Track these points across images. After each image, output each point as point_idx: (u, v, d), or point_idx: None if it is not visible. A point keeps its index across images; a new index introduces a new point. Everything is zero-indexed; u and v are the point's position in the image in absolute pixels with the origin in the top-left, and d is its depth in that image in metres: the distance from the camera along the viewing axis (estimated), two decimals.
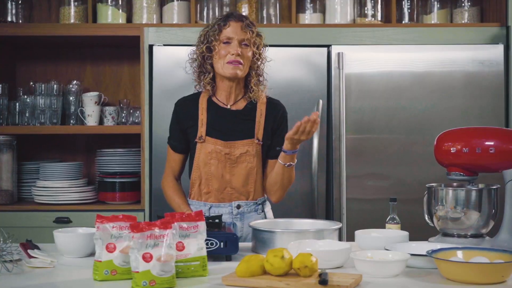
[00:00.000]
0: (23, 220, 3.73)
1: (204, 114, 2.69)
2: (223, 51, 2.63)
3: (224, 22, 2.66)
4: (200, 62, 2.70)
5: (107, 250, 1.99)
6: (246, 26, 2.65)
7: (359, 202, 3.70)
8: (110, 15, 3.95)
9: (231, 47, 2.63)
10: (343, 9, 3.93)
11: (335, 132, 3.69)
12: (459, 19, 4.02)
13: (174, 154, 2.75)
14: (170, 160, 2.77)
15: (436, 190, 2.47)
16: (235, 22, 2.65)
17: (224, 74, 2.65)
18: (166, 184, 2.77)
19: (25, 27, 3.92)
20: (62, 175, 3.87)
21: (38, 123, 3.93)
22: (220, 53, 2.64)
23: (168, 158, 2.79)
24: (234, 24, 2.65)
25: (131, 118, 4.06)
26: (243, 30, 2.64)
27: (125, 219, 2.03)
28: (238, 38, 2.63)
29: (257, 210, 2.71)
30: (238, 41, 2.63)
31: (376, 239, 2.33)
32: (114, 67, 4.32)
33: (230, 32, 2.64)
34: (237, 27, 2.64)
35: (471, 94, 3.74)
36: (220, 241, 2.20)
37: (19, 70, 4.30)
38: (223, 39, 2.64)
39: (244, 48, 2.64)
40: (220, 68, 2.65)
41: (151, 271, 1.84)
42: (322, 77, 3.72)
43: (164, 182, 2.78)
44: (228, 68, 2.63)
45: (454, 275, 1.93)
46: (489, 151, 2.38)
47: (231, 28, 2.64)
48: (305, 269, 1.88)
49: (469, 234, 2.43)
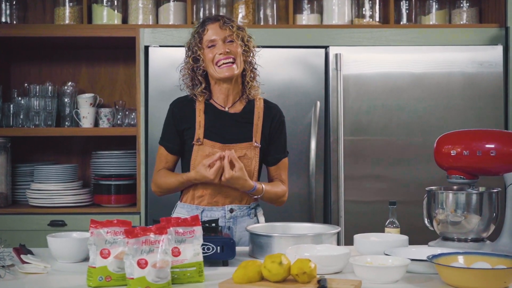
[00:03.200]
0: (18, 223, 3.69)
1: (202, 116, 2.65)
2: (210, 54, 2.61)
3: (202, 28, 2.64)
4: (191, 75, 2.68)
5: (101, 256, 1.95)
6: (224, 24, 2.63)
7: (357, 204, 3.67)
8: (105, 16, 3.92)
9: (217, 48, 2.60)
10: (341, 10, 3.90)
11: (333, 134, 3.66)
12: (457, 20, 4.00)
13: (168, 156, 2.70)
14: (162, 161, 2.71)
15: (436, 193, 2.43)
16: (212, 24, 2.63)
17: (219, 77, 2.62)
18: (157, 176, 2.70)
19: (19, 28, 3.89)
20: (57, 178, 3.83)
21: (32, 125, 3.90)
22: (208, 58, 2.61)
23: (159, 159, 2.72)
24: (211, 26, 2.63)
25: (127, 120, 4.02)
26: (223, 28, 2.62)
27: (119, 224, 1.99)
28: (220, 38, 2.61)
29: (250, 214, 2.67)
30: (222, 40, 2.61)
31: (375, 244, 2.30)
32: (110, 68, 4.28)
33: (210, 35, 2.62)
34: (216, 28, 2.62)
35: (470, 96, 3.71)
36: (216, 246, 2.17)
37: (14, 71, 4.26)
38: (207, 44, 2.62)
39: (230, 45, 2.61)
40: (214, 72, 2.62)
41: (146, 277, 1.81)
42: (319, 79, 3.69)
43: (156, 176, 2.71)
44: (221, 71, 2.60)
45: (455, 281, 1.89)
46: (490, 154, 2.35)
47: (210, 31, 2.62)
48: (304, 275, 1.85)
49: (469, 238, 2.40)
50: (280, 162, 2.74)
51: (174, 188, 2.68)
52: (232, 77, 2.62)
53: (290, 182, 3.28)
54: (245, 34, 2.67)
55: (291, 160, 3.25)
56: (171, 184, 2.66)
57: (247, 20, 3.88)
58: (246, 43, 2.66)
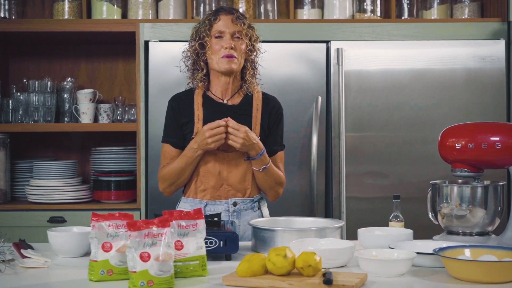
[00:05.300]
0: (17, 220, 3.66)
1: (200, 110, 2.63)
2: (216, 45, 2.60)
3: (215, 16, 2.63)
4: (194, 59, 2.66)
5: (103, 249, 1.93)
6: (237, 19, 2.62)
7: (359, 200, 3.65)
8: (105, 10, 3.89)
9: (223, 41, 2.60)
10: (342, 4, 3.88)
11: (334, 129, 3.63)
12: (459, 15, 3.97)
13: (173, 151, 2.66)
14: (167, 159, 2.68)
15: (441, 187, 2.41)
16: (225, 16, 2.62)
17: (219, 69, 2.60)
18: (161, 171, 2.66)
19: (18, 23, 3.86)
20: (56, 174, 3.81)
21: (31, 120, 3.87)
22: (213, 48, 2.61)
23: (164, 157, 2.69)
24: (224, 17, 2.62)
25: (127, 116, 4.00)
26: (234, 23, 2.61)
27: (121, 218, 1.97)
28: (229, 31, 2.60)
29: (253, 207, 2.65)
30: (230, 34, 2.60)
31: (379, 238, 2.28)
32: (109, 63, 4.26)
33: (221, 25, 2.61)
34: (227, 20, 2.61)
35: (473, 91, 3.69)
36: (219, 240, 2.15)
37: (12, 66, 4.23)
38: (215, 34, 2.61)
39: (236, 41, 2.61)
40: (215, 64, 2.61)
41: (149, 271, 1.78)
42: (321, 74, 3.67)
43: (161, 172, 2.67)
44: (223, 62, 2.59)
45: (462, 274, 1.87)
46: (495, 146, 2.32)
47: (222, 21, 2.61)
48: (309, 269, 1.83)
49: (474, 232, 2.38)
50: (276, 155, 2.70)
51: (179, 169, 2.59)
52: (230, 71, 2.61)
53: (291, 178, 3.27)
54: (254, 33, 2.67)
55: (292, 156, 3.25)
56: (176, 166, 2.60)
57: (248, 15, 3.86)
58: (253, 43, 2.65)
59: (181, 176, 2.62)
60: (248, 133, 2.49)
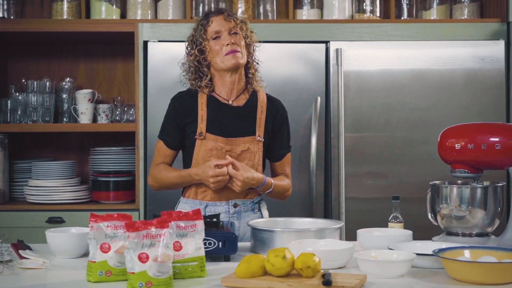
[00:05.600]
0: (15, 220, 3.66)
1: (204, 110, 2.62)
2: (216, 46, 2.60)
3: (206, 20, 2.65)
4: (196, 66, 2.65)
5: (102, 250, 1.92)
6: (228, 16, 2.64)
7: (358, 201, 3.64)
8: (104, 11, 3.88)
9: (222, 40, 2.61)
10: (341, 5, 3.88)
11: (334, 130, 3.62)
12: (458, 15, 3.97)
13: (167, 150, 2.67)
14: (161, 155, 2.68)
15: (440, 187, 2.40)
16: (216, 16, 2.65)
17: (226, 67, 2.59)
18: (156, 170, 2.66)
19: (17, 23, 3.86)
20: (55, 174, 3.80)
21: (30, 121, 3.86)
22: (213, 50, 2.61)
23: (158, 153, 2.69)
24: (216, 18, 2.64)
25: (126, 116, 3.99)
26: (227, 20, 2.63)
27: (120, 218, 1.96)
28: (226, 29, 2.62)
29: (254, 209, 2.65)
30: (227, 32, 2.62)
31: (379, 238, 2.27)
32: (108, 64, 4.25)
33: (216, 26, 2.62)
34: (220, 20, 2.63)
35: (472, 91, 3.68)
36: (218, 240, 2.14)
37: (11, 67, 4.22)
38: (212, 36, 2.62)
39: (235, 36, 2.62)
40: (220, 63, 2.60)
41: (148, 272, 1.78)
42: (320, 74, 3.66)
43: (154, 170, 2.67)
44: (228, 59, 2.58)
45: (462, 275, 1.86)
46: (495, 147, 2.32)
47: (215, 23, 2.63)
48: (308, 270, 1.82)
49: (474, 233, 2.37)
50: (284, 158, 2.73)
51: (174, 183, 2.64)
52: (238, 66, 2.60)
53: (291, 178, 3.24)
54: (248, 27, 2.69)
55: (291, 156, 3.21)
56: (172, 180, 2.63)
57: (247, 15, 3.85)
58: (249, 35, 2.67)
59: (173, 188, 2.68)
60: (245, 181, 2.51)
